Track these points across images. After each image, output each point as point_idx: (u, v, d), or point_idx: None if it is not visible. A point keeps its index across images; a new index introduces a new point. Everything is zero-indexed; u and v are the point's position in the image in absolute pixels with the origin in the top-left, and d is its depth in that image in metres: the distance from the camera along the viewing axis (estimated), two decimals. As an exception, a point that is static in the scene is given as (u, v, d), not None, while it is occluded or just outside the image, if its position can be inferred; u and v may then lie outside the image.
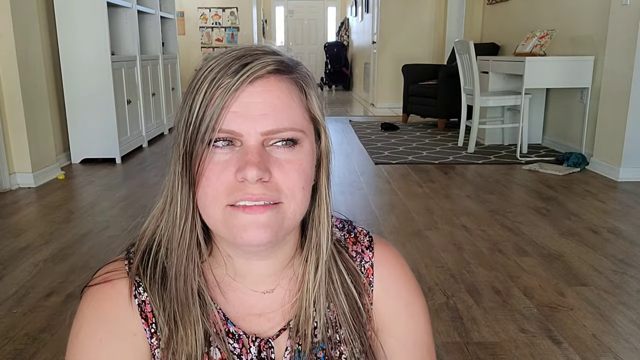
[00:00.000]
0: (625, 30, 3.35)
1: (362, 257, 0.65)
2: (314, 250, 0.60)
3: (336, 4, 13.05)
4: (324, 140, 0.59)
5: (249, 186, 0.52)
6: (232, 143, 0.53)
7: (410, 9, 7.41)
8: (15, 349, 1.55)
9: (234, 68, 0.53)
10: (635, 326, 1.66)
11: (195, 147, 0.53)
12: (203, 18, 10.48)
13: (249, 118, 0.52)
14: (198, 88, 0.54)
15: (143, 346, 0.57)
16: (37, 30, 3.45)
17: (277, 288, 0.62)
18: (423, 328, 0.67)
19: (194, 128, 0.53)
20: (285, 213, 0.55)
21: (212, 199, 0.54)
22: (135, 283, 0.59)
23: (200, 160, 0.53)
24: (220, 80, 0.53)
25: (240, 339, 0.60)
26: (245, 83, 0.52)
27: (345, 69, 11.67)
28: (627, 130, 3.36)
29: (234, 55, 0.54)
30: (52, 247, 2.34)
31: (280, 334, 0.61)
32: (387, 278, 0.65)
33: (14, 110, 3.26)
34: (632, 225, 2.61)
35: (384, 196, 3.21)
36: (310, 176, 0.57)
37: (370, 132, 5.55)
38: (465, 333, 1.63)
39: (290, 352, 0.60)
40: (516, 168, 3.84)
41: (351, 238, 0.66)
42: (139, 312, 0.58)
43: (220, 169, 0.53)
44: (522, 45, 4.34)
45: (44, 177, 3.47)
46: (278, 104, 0.54)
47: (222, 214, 0.54)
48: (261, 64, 0.53)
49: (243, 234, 0.53)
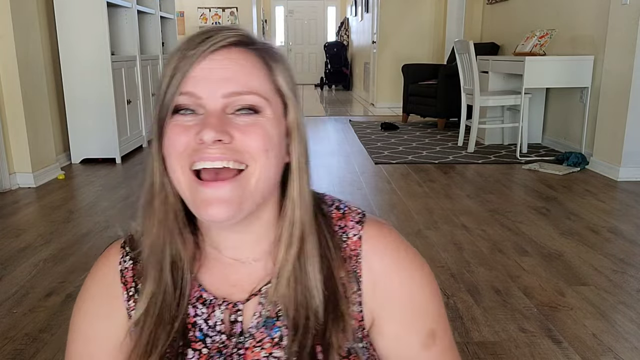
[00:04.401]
0: (625, 30, 3.35)
1: (347, 231, 0.63)
2: (289, 227, 0.59)
3: (336, 4, 13.05)
4: (293, 114, 0.59)
5: (207, 147, 0.53)
6: (195, 111, 0.55)
7: (410, 9, 7.41)
8: (15, 349, 1.55)
9: (197, 40, 0.55)
10: (635, 325, 1.66)
11: (161, 116, 0.56)
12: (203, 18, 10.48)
13: (210, 81, 0.54)
14: (167, 63, 0.57)
15: (122, 309, 0.64)
16: (37, 30, 3.45)
17: (256, 260, 0.63)
18: (427, 297, 0.65)
19: (162, 100, 0.56)
20: (249, 180, 0.55)
21: (174, 160, 0.55)
22: (124, 252, 0.65)
23: (163, 125, 0.56)
24: (184, 51, 0.55)
25: (211, 304, 0.62)
26: (207, 52, 0.55)
27: (345, 69, 11.66)
28: (626, 129, 3.36)
29: (201, 31, 0.57)
30: (52, 247, 2.34)
31: (251, 298, 0.61)
32: (378, 250, 0.63)
33: (14, 110, 3.26)
34: (632, 224, 2.61)
35: (384, 196, 3.21)
36: (276, 143, 0.57)
37: (370, 131, 5.55)
38: (465, 333, 1.63)
39: (258, 318, 0.61)
40: (516, 168, 3.84)
41: (338, 213, 0.65)
42: (120, 278, 0.64)
43: (181, 130, 0.55)
44: (522, 45, 4.34)
45: (44, 177, 3.47)
46: (240, 70, 0.55)
47: (186, 180, 0.55)
48: (223, 35, 0.55)
49: (207, 209, 0.55)
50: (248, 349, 0.60)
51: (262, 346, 0.60)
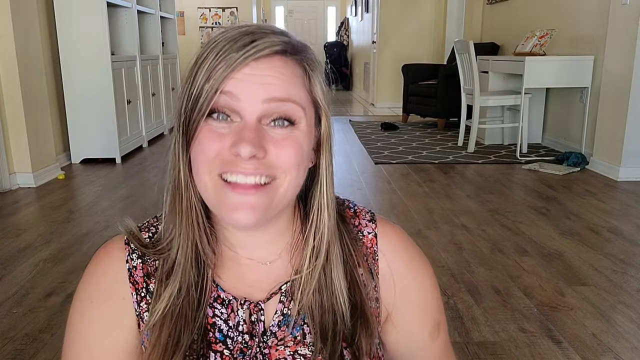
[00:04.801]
0: (625, 30, 3.35)
1: (361, 229, 0.65)
2: (314, 234, 0.60)
3: (336, 4, 13.05)
4: (325, 124, 0.59)
5: (242, 161, 0.52)
6: (230, 118, 0.53)
7: (410, 9, 7.41)
8: (15, 349, 1.55)
9: (240, 43, 0.52)
10: (635, 325, 1.66)
11: (194, 116, 0.53)
12: (203, 18, 10.48)
13: (251, 85, 0.52)
14: (204, 60, 0.53)
15: (130, 310, 0.60)
16: (37, 30, 3.45)
17: (275, 261, 0.62)
18: (433, 290, 0.68)
19: (195, 97, 0.53)
20: (277, 190, 0.55)
21: (204, 165, 0.54)
22: (129, 249, 0.62)
23: (196, 127, 0.53)
24: (225, 52, 0.52)
25: (230, 304, 0.61)
26: (250, 59, 0.52)
27: (345, 69, 11.66)
28: (626, 129, 3.36)
29: (242, 31, 0.54)
30: (52, 247, 2.34)
31: (272, 297, 0.61)
32: (392, 248, 0.66)
33: (14, 110, 3.26)
34: (632, 224, 2.61)
35: (384, 196, 3.21)
36: (307, 156, 0.57)
37: (370, 131, 5.55)
38: (465, 333, 1.63)
39: (279, 316, 0.61)
40: (516, 168, 3.84)
41: (350, 212, 0.66)
42: (128, 277, 0.61)
43: (216, 137, 0.53)
44: (522, 45, 4.34)
45: (44, 177, 3.47)
46: (281, 78, 0.53)
47: (214, 186, 0.54)
48: (269, 42, 0.53)
49: (232, 214, 0.54)
50: (272, 347, 0.60)
51: (286, 344, 0.60)
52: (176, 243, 0.59)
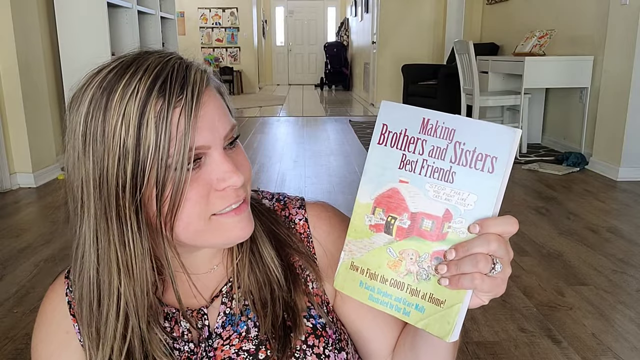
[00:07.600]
0: (625, 30, 3.36)
1: (292, 218, 0.67)
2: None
3: (336, 4, 13.06)
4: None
5: (234, 190, 0.53)
6: (200, 159, 0.52)
7: (410, 9, 7.41)
8: (15, 348, 1.56)
9: (172, 87, 0.49)
10: (634, 325, 1.66)
11: (167, 175, 0.49)
12: (203, 18, 10.48)
13: (210, 129, 0.51)
14: (131, 117, 0.48)
15: (75, 342, 0.61)
16: (37, 31, 3.46)
17: (217, 268, 0.64)
18: None
19: (159, 158, 0.49)
20: (248, 196, 0.57)
21: (197, 217, 0.52)
22: (68, 283, 0.63)
23: (176, 185, 0.50)
24: (168, 100, 0.49)
25: (173, 317, 0.61)
26: (197, 102, 0.50)
27: (345, 69, 11.67)
28: (626, 130, 3.36)
29: (157, 70, 0.50)
30: (52, 247, 2.34)
31: (214, 301, 0.62)
32: (319, 224, 0.67)
33: (14, 110, 3.27)
34: (632, 224, 2.61)
35: (384, 196, 3.21)
36: None
37: (370, 132, 5.53)
38: (465, 332, 1.63)
39: (222, 317, 0.62)
40: (515, 168, 3.84)
41: (279, 205, 0.68)
42: (69, 310, 0.62)
43: (201, 184, 0.52)
44: (522, 45, 4.35)
45: (44, 177, 3.47)
46: (220, 106, 0.54)
47: (206, 225, 0.54)
48: (199, 76, 0.52)
49: (232, 234, 0.55)
50: (217, 349, 0.60)
51: (231, 343, 0.60)
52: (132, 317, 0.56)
